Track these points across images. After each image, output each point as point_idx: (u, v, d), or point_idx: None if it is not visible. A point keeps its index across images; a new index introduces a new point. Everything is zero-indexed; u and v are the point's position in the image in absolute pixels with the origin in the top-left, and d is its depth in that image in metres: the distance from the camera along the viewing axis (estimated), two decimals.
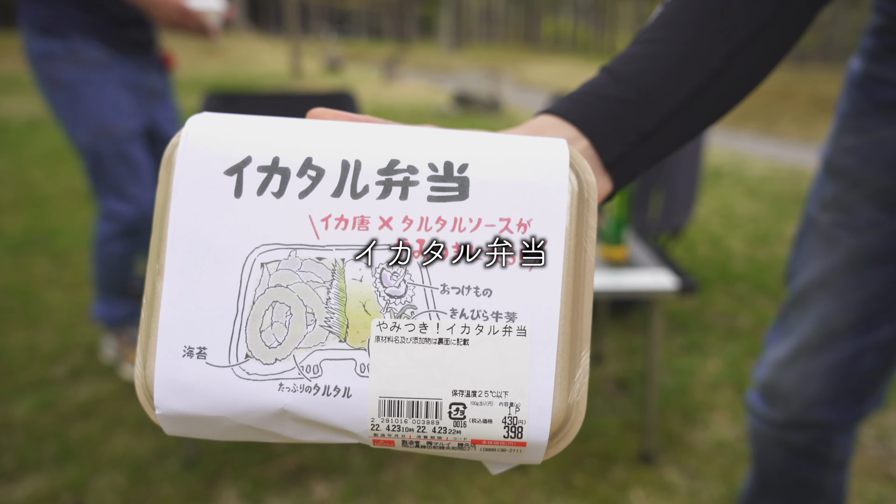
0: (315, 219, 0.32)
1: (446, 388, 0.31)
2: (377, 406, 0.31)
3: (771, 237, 3.35)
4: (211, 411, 0.31)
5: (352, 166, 0.33)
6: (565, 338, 0.32)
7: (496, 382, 0.31)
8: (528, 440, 0.31)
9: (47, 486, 1.46)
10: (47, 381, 1.88)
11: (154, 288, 0.32)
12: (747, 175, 5.06)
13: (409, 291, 0.32)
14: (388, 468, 1.54)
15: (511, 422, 0.31)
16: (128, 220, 1.73)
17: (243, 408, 0.31)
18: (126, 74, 1.68)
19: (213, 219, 0.32)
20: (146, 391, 0.32)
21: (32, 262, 2.84)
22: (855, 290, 0.81)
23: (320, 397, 0.31)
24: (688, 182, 2.46)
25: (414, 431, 0.31)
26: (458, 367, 0.31)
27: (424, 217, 0.32)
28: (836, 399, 0.86)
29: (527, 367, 0.31)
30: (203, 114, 0.34)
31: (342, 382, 0.31)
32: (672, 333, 2.25)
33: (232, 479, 1.50)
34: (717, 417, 1.76)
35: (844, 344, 0.83)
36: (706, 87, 0.47)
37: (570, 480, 1.51)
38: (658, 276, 1.45)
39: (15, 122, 6.83)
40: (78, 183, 4.29)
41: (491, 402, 0.31)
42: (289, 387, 0.31)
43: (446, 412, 0.31)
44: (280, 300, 0.32)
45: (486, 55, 25.74)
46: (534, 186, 0.33)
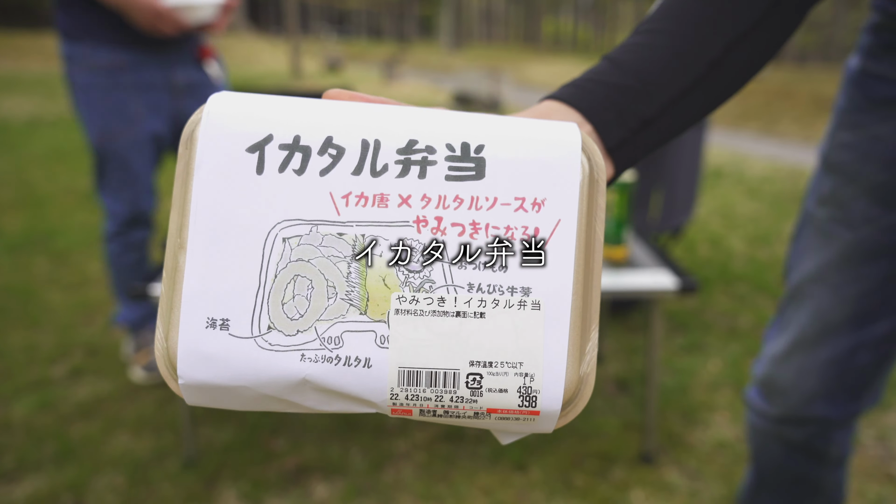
0: (336, 196, 0.33)
1: (463, 359, 0.32)
2: (396, 376, 0.32)
3: (771, 237, 3.35)
4: (233, 381, 0.32)
5: (371, 145, 0.33)
6: (577, 312, 0.33)
7: (511, 354, 0.32)
8: (541, 409, 0.33)
9: (47, 486, 1.46)
10: (47, 381, 1.88)
11: (176, 261, 0.33)
12: (747, 175, 5.06)
13: (427, 267, 0.33)
14: (388, 468, 1.54)
15: (526, 391, 0.32)
16: (120, 218, 1.78)
17: (266, 378, 0.32)
18: (145, 75, 1.70)
19: (236, 195, 0.33)
20: (168, 362, 0.33)
21: (32, 262, 2.84)
22: (850, 285, 0.81)
23: (341, 367, 0.32)
24: (688, 182, 2.46)
25: (432, 401, 0.32)
26: (475, 339, 0.32)
27: (442, 195, 0.33)
28: (833, 394, 0.86)
29: (541, 340, 0.32)
30: (224, 92, 0.35)
31: (362, 353, 0.32)
32: (672, 333, 2.24)
33: (231, 479, 1.50)
34: (717, 418, 1.75)
35: (840, 339, 0.83)
36: (705, 76, 0.49)
37: (571, 481, 1.51)
38: (658, 276, 1.45)
39: (15, 122, 6.83)
40: (77, 183, 4.29)
41: (506, 372, 0.32)
42: (310, 357, 0.32)
43: (463, 382, 0.32)
44: (302, 274, 0.32)
45: (486, 55, 25.72)
46: (548, 167, 0.34)
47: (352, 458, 1.58)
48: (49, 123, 6.91)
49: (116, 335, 2.16)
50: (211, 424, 1.69)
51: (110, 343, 2.11)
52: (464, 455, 1.59)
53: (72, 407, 1.76)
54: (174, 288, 0.33)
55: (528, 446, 1.62)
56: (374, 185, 0.33)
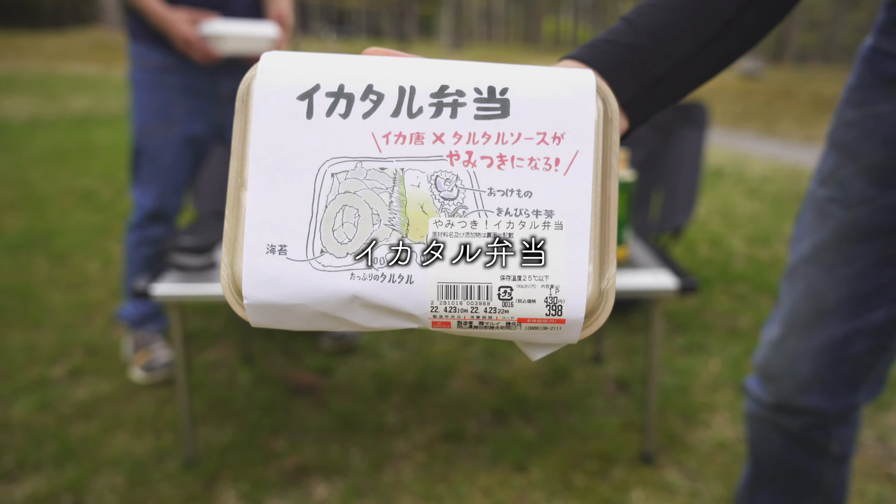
0: (377, 135, 0.37)
1: (495, 275, 0.36)
2: (436, 290, 0.36)
3: (771, 237, 3.35)
4: (292, 300, 0.36)
5: (407, 91, 0.38)
6: (596, 233, 0.37)
7: (538, 269, 0.36)
8: (566, 317, 0.36)
9: (46, 486, 1.46)
10: (46, 381, 1.88)
11: (238, 199, 0.37)
12: (748, 175, 5.06)
13: (460, 195, 0.37)
14: (388, 469, 1.54)
15: (552, 301, 0.36)
16: (143, 211, 1.86)
17: (320, 295, 0.36)
18: (191, 80, 1.80)
19: (289, 137, 0.37)
20: (233, 286, 0.37)
21: (31, 262, 2.84)
22: (844, 265, 0.81)
23: (386, 284, 0.36)
24: (688, 183, 2.46)
25: (468, 312, 0.36)
26: None
27: (472, 132, 0.37)
28: (828, 384, 0.85)
29: (565, 255, 0.36)
30: (274, 51, 0.39)
31: (405, 271, 0.36)
32: (672, 334, 2.24)
33: (231, 479, 1.50)
34: (717, 418, 1.75)
35: (835, 323, 0.83)
36: (717, 36, 0.51)
37: (571, 481, 1.50)
38: (658, 277, 1.44)
39: (15, 122, 6.83)
40: (77, 183, 4.29)
41: (534, 284, 0.36)
42: (359, 276, 0.36)
43: (496, 294, 0.36)
44: (349, 204, 0.37)
45: (486, 55, 25.70)
46: (566, 105, 0.38)
47: (352, 458, 1.58)
48: (49, 123, 6.91)
49: (116, 335, 2.16)
50: (210, 425, 1.69)
51: (110, 343, 2.11)
52: (464, 455, 1.59)
53: (71, 407, 1.75)
54: (237, 222, 0.37)
55: (529, 447, 1.62)
56: (411, 125, 0.37)
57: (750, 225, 3.57)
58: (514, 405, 1.80)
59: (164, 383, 1.87)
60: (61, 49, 16.45)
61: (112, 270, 2.74)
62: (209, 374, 1.94)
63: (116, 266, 2.79)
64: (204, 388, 1.86)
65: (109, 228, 3.33)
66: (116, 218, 3.51)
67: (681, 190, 2.46)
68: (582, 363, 2.03)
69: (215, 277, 1.45)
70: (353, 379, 1.93)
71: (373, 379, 1.93)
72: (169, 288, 1.40)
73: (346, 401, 1.81)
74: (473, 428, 1.70)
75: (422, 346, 2.13)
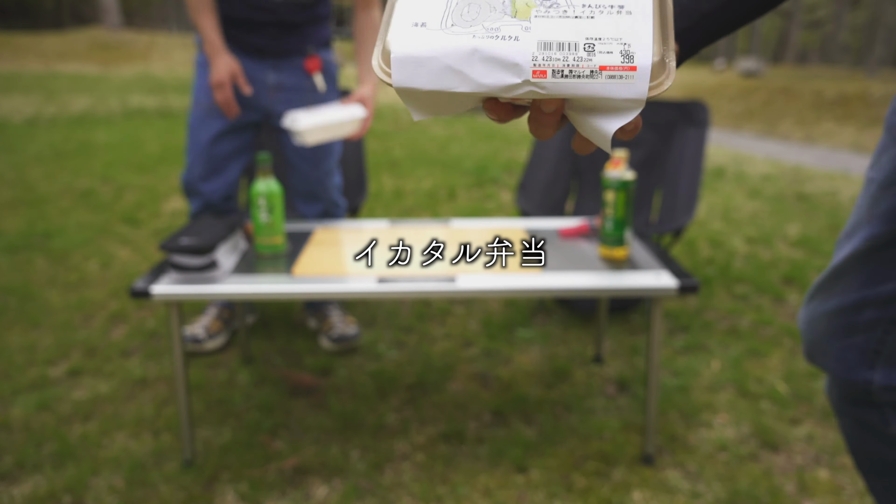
0: None
1: (581, 36, 0.46)
2: (536, 45, 0.45)
3: (772, 237, 3.34)
4: (428, 52, 0.46)
5: None
6: (657, 19, 0.47)
7: (614, 34, 0.46)
8: (637, 65, 0.45)
9: (46, 486, 1.46)
10: (46, 381, 1.88)
11: None
12: (748, 175, 5.05)
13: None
14: (388, 469, 1.54)
15: (626, 52, 0.45)
16: (183, 181, 1.99)
17: (449, 49, 0.46)
18: (242, 63, 1.91)
19: None
20: (383, 57, 0.47)
21: (31, 262, 2.83)
22: (875, 221, 0.82)
23: (498, 41, 0.46)
24: (689, 183, 2.46)
25: (560, 61, 0.45)
26: (589, 27, 0.46)
27: None
28: (842, 352, 0.86)
29: (634, 28, 0.46)
30: None
31: (513, 32, 0.46)
32: (673, 334, 2.24)
33: (230, 480, 1.49)
34: (718, 418, 1.75)
35: (849, 290, 0.85)
36: None
37: (571, 482, 1.50)
38: (659, 277, 1.44)
39: (14, 122, 6.83)
40: (77, 183, 4.29)
41: (611, 42, 0.45)
42: (479, 35, 0.46)
43: (582, 47, 0.45)
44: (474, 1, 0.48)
45: None
46: None
47: (351, 458, 1.57)
48: (48, 123, 6.91)
49: (116, 335, 2.16)
50: (210, 425, 1.69)
51: (109, 343, 2.11)
52: (464, 456, 1.59)
53: (70, 407, 1.75)
54: (391, 10, 0.49)
55: (529, 447, 1.61)
56: None
57: (750, 225, 3.57)
58: (514, 406, 1.79)
59: (164, 384, 1.87)
60: (61, 49, 16.45)
61: (111, 270, 2.74)
62: (208, 374, 1.94)
63: (116, 266, 2.79)
64: (203, 388, 1.86)
65: (109, 228, 3.33)
66: (116, 218, 3.51)
67: (681, 190, 2.46)
68: (582, 363, 2.02)
69: (215, 278, 1.45)
70: (353, 379, 1.92)
71: (372, 379, 1.92)
72: (169, 288, 1.40)
73: (346, 401, 1.81)
74: (473, 428, 1.69)
75: (422, 346, 2.13)
